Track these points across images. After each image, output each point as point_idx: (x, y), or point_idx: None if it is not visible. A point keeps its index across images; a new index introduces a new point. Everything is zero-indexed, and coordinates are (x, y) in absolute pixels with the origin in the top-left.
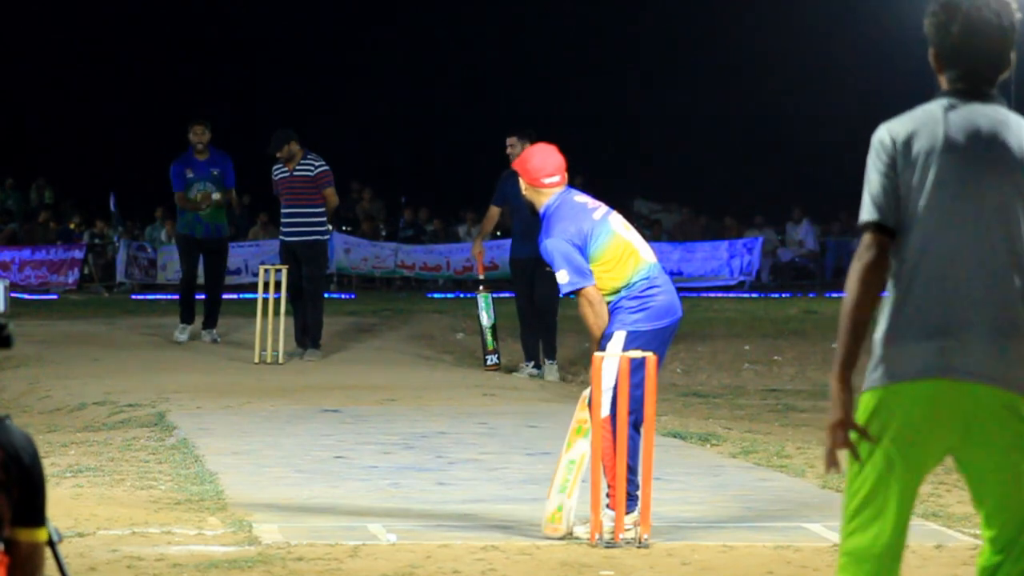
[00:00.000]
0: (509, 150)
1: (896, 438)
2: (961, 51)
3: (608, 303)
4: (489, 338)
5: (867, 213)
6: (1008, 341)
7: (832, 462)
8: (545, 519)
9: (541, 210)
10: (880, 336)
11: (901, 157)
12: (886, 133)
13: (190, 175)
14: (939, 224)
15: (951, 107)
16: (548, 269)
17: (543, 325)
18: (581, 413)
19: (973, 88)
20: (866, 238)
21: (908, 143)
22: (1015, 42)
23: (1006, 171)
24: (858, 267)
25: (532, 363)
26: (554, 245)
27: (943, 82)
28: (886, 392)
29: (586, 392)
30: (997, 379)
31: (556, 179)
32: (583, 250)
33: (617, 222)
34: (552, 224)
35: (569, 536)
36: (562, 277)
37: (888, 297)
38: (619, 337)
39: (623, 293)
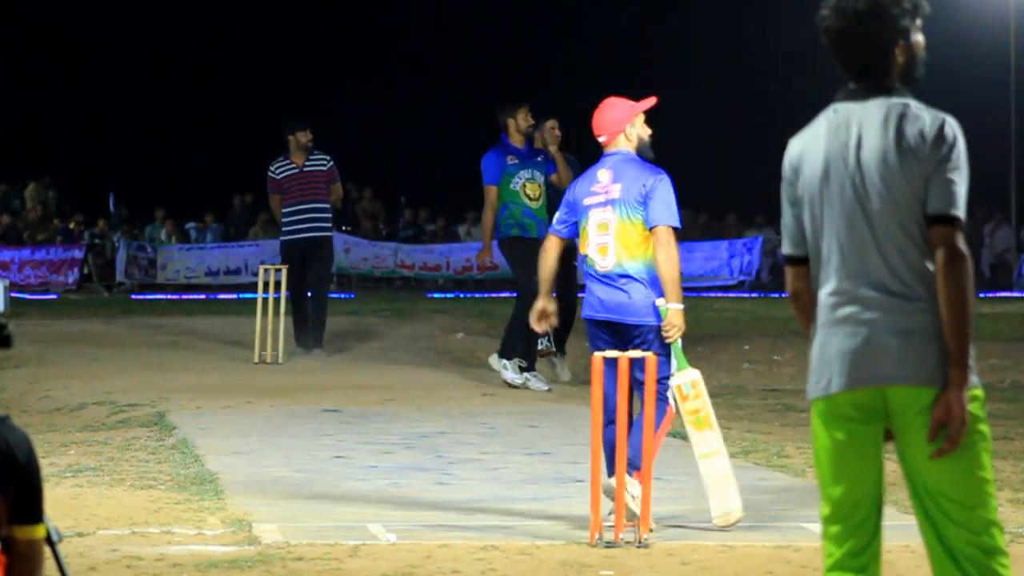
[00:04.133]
0: (557, 132)
1: (838, 438)
2: (841, 51)
3: None
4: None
5: (783, 245)
6: (916, 342)
7: None
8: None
9: None
10: (810, 350)
11: (797, 180)
12: (786, 156)
13: (512, 161)
14: (835, 243)
15: (835, 113)
16: (572, 263)
17: (561, 321)
18: (688, 404)
19: (860, 84)
20: (787, 270)
21: (799, 166)
22: (899, 33)
23: (888, 176)
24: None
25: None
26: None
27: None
28: (819, 403)
29: (678, 383)
30: (910, 378)
31: (601, 139)
32: (572, 210)
33: (594, 219)
34: (579, 176)
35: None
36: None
37: (816, 310)
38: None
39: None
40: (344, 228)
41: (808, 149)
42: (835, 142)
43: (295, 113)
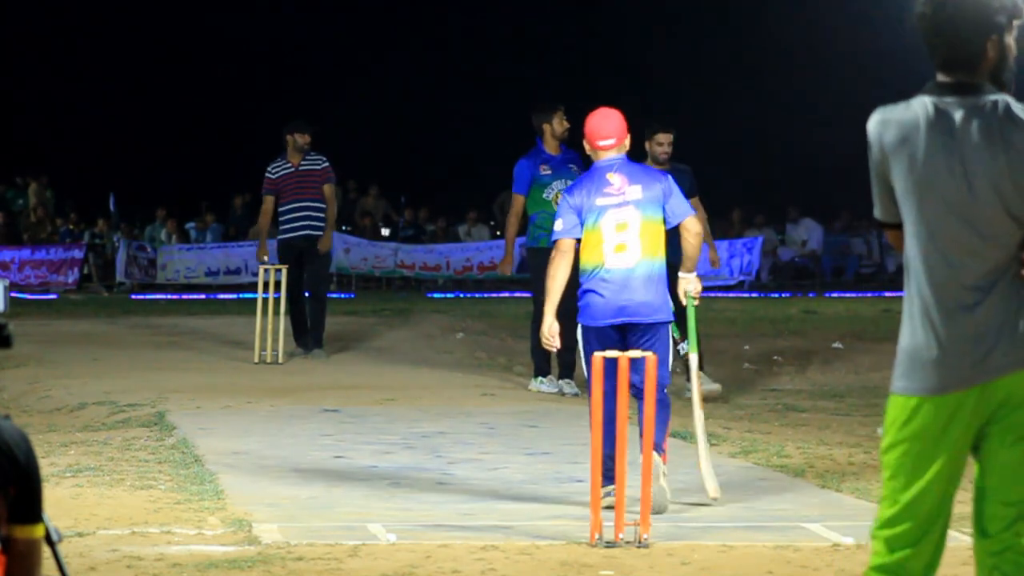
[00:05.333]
0: (669, 148)
1: (928, 439)
2: (934, 39)
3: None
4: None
5: (876, 211)
6: (1016, 329)
7: None
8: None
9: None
10: (900, 346)
11: (888, 160)
12: (874, 131)
13: (545, 171)
14: (928, 236)
15: (934, 110)
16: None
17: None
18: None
19: (956, 81)
20: (885, 231)
21: (894, 153)
22: (994, 27)
23: (996, 181)
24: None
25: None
26: (562, 199)
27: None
28: (912, 401)
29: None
30: (1018, 364)
31: (609, 142)
32: (579, 214)
33: (611, 219)
34: (576, 182)
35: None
36: (556, 225)
37: (904, 304)
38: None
39: (583, 275)
40: (344, 228)
41: (907, 140)
42: (937, 144)
43: (296, 113)
